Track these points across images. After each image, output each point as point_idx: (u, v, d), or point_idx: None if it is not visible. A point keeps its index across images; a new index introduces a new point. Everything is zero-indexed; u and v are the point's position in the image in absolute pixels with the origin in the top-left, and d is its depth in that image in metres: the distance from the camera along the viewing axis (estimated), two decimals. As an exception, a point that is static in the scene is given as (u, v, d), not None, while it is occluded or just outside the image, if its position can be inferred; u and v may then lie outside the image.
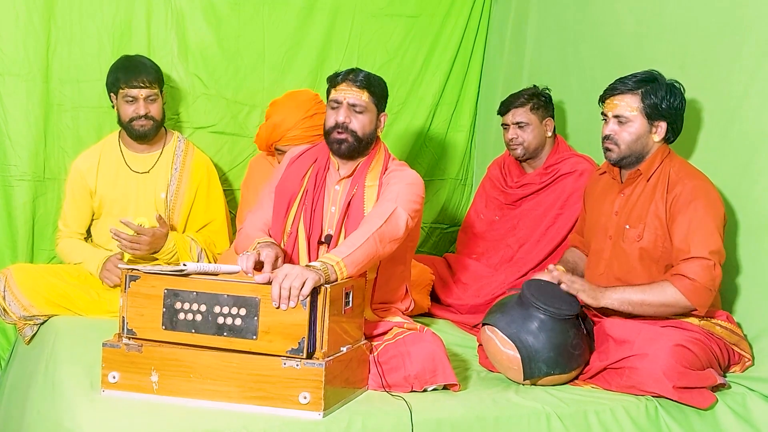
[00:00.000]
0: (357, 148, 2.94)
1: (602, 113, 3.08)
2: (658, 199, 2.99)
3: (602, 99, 3.09)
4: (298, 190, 3.00)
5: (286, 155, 3.16)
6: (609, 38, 3.71)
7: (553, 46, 4.09)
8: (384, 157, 3.03)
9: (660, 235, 2.97)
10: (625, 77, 3.04)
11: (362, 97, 2.93)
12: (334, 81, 2.99)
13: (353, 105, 2.93)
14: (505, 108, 3.82)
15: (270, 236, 2.98)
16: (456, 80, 4.51)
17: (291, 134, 3.58)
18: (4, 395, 3.56)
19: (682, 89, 3.03)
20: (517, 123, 3.77)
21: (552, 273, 2.93)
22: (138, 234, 3.36)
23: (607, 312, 3.02)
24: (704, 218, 2.88)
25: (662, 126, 3.01)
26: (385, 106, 3.04)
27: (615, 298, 2.90)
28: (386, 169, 2.99)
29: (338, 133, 2.92)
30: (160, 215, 3.46)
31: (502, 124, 3.85)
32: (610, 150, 3.05)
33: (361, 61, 4.24)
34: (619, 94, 3.02)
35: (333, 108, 2.96)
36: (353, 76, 2.95)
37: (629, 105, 3.00)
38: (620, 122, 3.01)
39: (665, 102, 2.97)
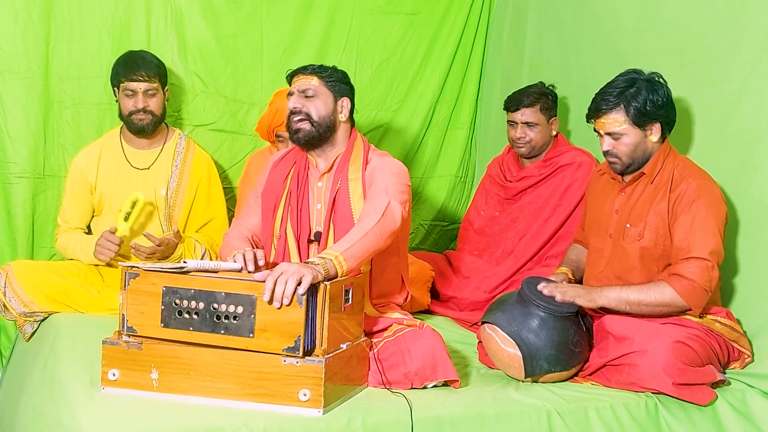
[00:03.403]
0: (315, 134, 2.97)
1: (594, 130, 3.08)
2: (660, 197, 2.99)
3: (589, 119, 3.09)
4: (282, 191, 3.03)
5: (269, 160, 3.18)
6: (608, 34, 3.71)
7: (553, 43, 4.09)
8: (363, 148, 3.04)
9: (661, 234, 2.97)
10: (606, 91, 3.02)
11: (311, 81, 3.00)
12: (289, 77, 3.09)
13: (303, 91, 3.00)
14: (514, 106, 3.80)
15: (254, 242, 3.01)
16: (455, 77, 4.51)
17: None
18: (4, 392, 3.57)
19: (662, 81, 3.02)
20: (526, 122, 3.77)
21: (544, 291, 2.90)
22: (157, 245, 3.38)
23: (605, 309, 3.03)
24: (706, 218, 2.89)
25: (656, 127, 3.01)
26: (347, 93, 3.05)
27: (612, 297, 2.91)
28: (367, 161, 3.01)
29: (294, 120, 2.98)
30: (178, 230, 3.48)
31: (508, 121, 3.85)
32: (613, 163, 3.06)
33: (360, 59, 4.24)
34: (604, 113, 3.01)
35: (289, 99, 3.04)
36: (304, 66, 3.06)
37: (616, 120, 2.99)
38: (614, 138, 3.02)
39: (649, 104, 2.96)
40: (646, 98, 2.96)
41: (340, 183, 2.96)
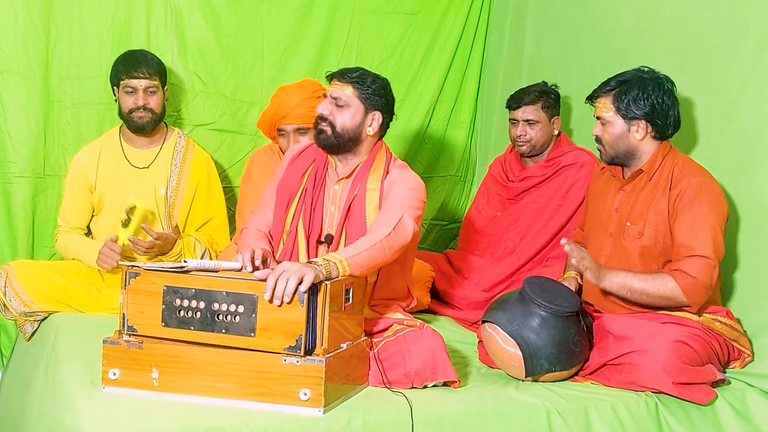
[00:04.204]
0: (336, 143, 2.92)
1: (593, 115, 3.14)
2: (660, 195, 2.99)
3: (587, 99, 3.14)
4: (298, 188, 3.00)
5: (287, 153, 3.16)
6: (608, 34, 3.72)
7: (553, 42, 4.09)
8: (386, 158, 3.01)
9: (661, 232, 2.97)
10: (609, 78, 3.07)
11: (345, 90, 2.93)
12: (329, 77, 3.02)
13: (335, 98, 2.93)
14: (515, 104, 3.82)
15: (271, 238, 2.99)
16: (455, 77, 4.52)
17: (295, 112, 3.53)
18: (4, 392, 3.57)
19: (663, 85, 3.02)
20: (527, 120, 3.78)
21: (565, 246, 2.93)
22: (155, 240, 3.38)
23: (605, 305, 3.04)
24: (708, 216, 2.89)
25: (641, 124, 3.02)
26: (381, 107, 2.96)
27: (616, 282, 2.93)
28: (388, 172, 2.98)
29: (318, 124, 2.94)
30: (176, 225, 3.48)
31: (510, 119, 3.86)
32: (600, 150, 3.13)
33: (360, 58, 4.24)
34: (598, 96, 3.08)
35: (321, 100, 2.99)
36: (345, 71, 2.97)
37: (606, 107, 3.05)
38: (602, 124, 3.07)
39: (639, 101, 2.99)
40: (636, 95, 2.99)
41: (358, 190, 2.93)
